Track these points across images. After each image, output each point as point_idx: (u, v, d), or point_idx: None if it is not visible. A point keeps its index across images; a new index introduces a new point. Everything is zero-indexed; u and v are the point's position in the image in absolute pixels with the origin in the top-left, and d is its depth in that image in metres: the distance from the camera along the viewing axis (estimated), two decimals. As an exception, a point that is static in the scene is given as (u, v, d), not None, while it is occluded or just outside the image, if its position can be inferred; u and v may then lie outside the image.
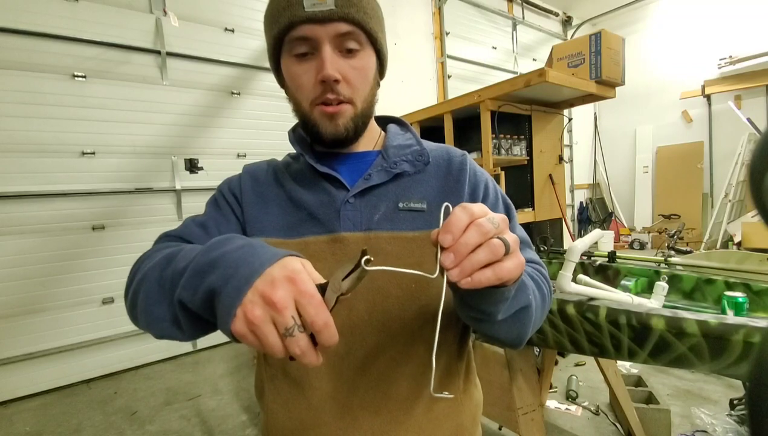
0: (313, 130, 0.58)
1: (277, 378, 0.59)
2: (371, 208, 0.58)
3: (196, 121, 3.09)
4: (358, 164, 0.63)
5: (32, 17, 2.48)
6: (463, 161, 0.64)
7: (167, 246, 0.53)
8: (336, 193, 0.59)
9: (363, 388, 0.56)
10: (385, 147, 0.63)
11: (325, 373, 0.55)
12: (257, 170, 0.66)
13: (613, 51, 2.57)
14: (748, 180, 0.35)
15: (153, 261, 0.49)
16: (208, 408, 2.25)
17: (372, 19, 0.56)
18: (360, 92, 0.57)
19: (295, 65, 0.55)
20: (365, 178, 0.59)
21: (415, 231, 0.58)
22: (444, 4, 4.79)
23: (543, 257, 1.75)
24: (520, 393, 1.34)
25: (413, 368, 0.57)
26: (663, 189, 6.20)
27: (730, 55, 5.38)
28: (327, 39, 0.53)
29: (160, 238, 0.60)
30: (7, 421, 2.27)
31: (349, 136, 0.58)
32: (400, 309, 0.56)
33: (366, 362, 0.56)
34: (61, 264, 2.63)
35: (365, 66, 0.57)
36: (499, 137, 2.68)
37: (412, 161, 0.62)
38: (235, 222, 0.61)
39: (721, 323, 0.87)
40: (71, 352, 2.67)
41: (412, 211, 0.59)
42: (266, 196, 0.62)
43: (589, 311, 1.08)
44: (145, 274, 0.48)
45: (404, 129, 0.69)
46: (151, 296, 0.46)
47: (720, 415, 1.91)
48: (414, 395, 0.57)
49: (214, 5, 3.17)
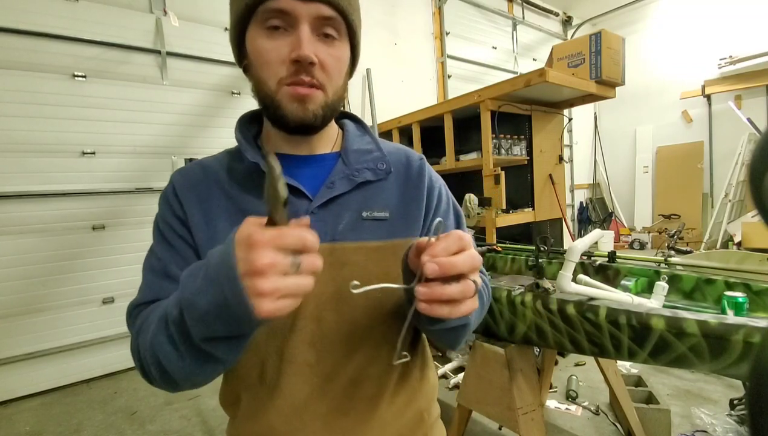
0: (276, 113, 0.54)
1: (254, 386, 0.57)
2: (335, 218, 0.57)
3: (196, 121, 3.09)
4: (317, 169, 0.60)
5: (32, 17, 2.48)
6: (422, 166, 0.65)
7: (147, 314, 0.51)
8: (298, 202, 0.56)
9: (332, 393, 0.56)
10: (345, 150, 0.61)
11: (296, 381, 0.56)
12: (193, 180, 0.59)
13: (613, 51, 2.57)
14: (748, 180, 0.35)
15: (149, 333, 0.47)
16: (209, 408, 2.25)
17: (355, 11, 0.55)
18: (333, 81, 0.54)
19: (265, 39, 0.51)
20: (328, 187, 0.57)
21: (379, 241, 0.58)
22: (444, 4, 4.79)
23: (543, 257, 1.75)
24: (520, 393, 1.34)
25: (378, 370, 0.59)
26: (663, 189, 6.20)
27: (730, 55, 5.38)
28: (307, 18, 0.50)
29: (132, 311, 0.55)
30: (7, 421, 2.27)
31: (316, 124, 0.55)
32: (368, 318, 0.57)
33: (335, 369, 0.56)
34: (61, 264, 2.64)
35: (341, 56, 0.55)
36: (499, 137, 2.68)
37: (374, 169, 0.60)
38: (191, 255, 0.56)
39: (721, 323, 0.87)
40: (71, 352, 2.67)
41: (376, 220, 0.59)
42: (212, 213, 0.56)
43: (589, 310, 1.08)
44: (152, 346, 0.46)
45: (361, 129, 0.67)
46: (172, 359, 0.45)
47: (720, 415, 1.91)
48: (379, 393, 0.59)
49: (214, 5, 3.17)
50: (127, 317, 0.56)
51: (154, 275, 0.55)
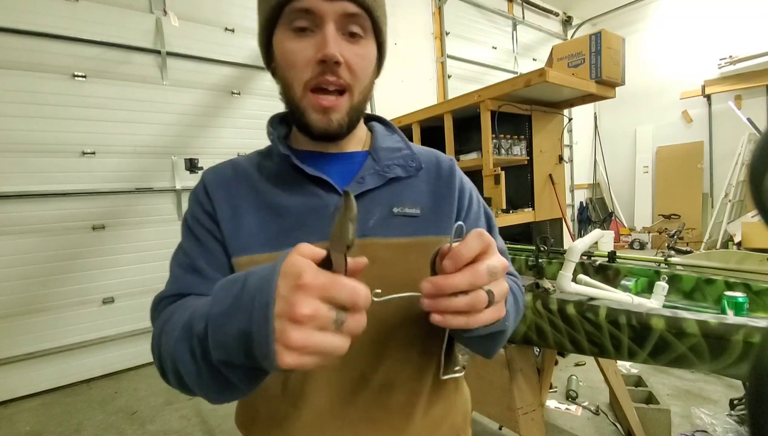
0: (301, 121, 0.54)
1: (275, 398, 0.55)
2: (365, 214, 0.55)
3: (196, 121, 3.09)
4: (347, 166, 0.59)
5: (32, 17, 2.49)
6: (452, 166, 0.64)
7: (173, 312, 0.49)
8: (327, 197, 0.55)
9: (362, 400, 0.54)
10: (374, 148, 0.61)
11: (322, 388, 0.53)
12: (223, 177, 0.59)
13: (613, 51, 2.57)
14: (748, 180, 0.35)
15: (172, 337, 0.45)
16: (209, 408, 2.25)
17: (380, 8, 0.54)
18: (360, 81, 0.53)
19: (292, 40, 0.51)
20: (358, 182, 0.56)
21: (409, 237, 0.56)
22: (444, 4, 4.79)
23: (543, 257, 1.75)
24: (520, 393, 1.34)
25: (411, 375, 0.56)
26: (663, 189, 6.20)
27: (730, 55, 5.38)
28: (332, 16, 0.49)
29: (159, 304, 0.54)
30: (7, 421, 2.27)
31: (341, 133, 0.54)
32: (398, 317, 0.54)
33: (364, 374, 0.54)
34: (61, 264, 2.64)
35: (367, 54, 0.53)
36: (499, 137, 2.68)
37: (404, 166, 0.59)
38: (219, 250, 0.55)
39: (721, 323, 0.87)
40: (71, 352, 2.67)
41: (407, 216, 0.57)
42: (240, 208, 0.56)
43: (589, 310, 1.08)
44: (173, 353, 0.44)
45: (390, 130, 0.66)
46: (191, 371, 0.43)
47: (720, 415, 1.91)
48: (412, 402, 0.56)
49: (214, 5, 3.17)
50: (152, 310, 0.55)
51: (181, 269, 0.55)
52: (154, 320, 0.53)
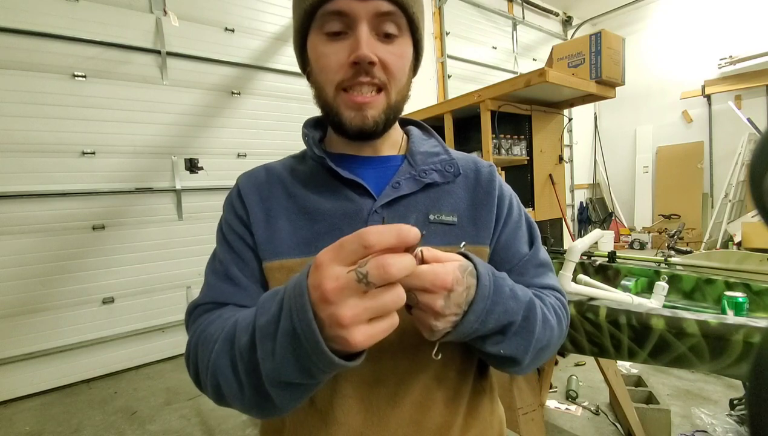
0: (335, 120, 0.52)
1: (302, 411, 0.52)
2: (400, 220, 0.52)
3: (196, 121, 3.09)
4: (382, 170, 0.57)
5: (32, 17, 2.48)
6: (492, 172, 0.61)
7: (210, 322, 0.49)
8: (361, 201, 0.54)
9: (395, 420, 0.51)
10: (411, 152, 0.59)
11: (352, 405, 0.50)
12: (258, 181, 0.58)
13: (613, 51, 2.57)
14: (748, 180, 0.35)
15: (211, 351, 0.44)
16: (209, 408, 2.25)
17: (416, 4, 0.52)
18: (396, 80, 0.51)
19: (325, 44, 0.49)
20: (393, 187, 0.54)
21: (446, 245, 0.52)
22: (444, 4, 4.79)
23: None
24: (520, 393, 1.34)
25: (447, 393, 0.54)
26: (663, 189, 6.20)
27: (730, 55, 5.38)
28: (365, 17, 0.47)
29: (193, 311, 0.53)
30: (7, 421, 2.27)
31: (377, 130, 0.52)
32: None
33: (398, 391, 0.51)
34: (61, 264, 2.64)
35: (403, 53, 0.52)
36: (499, 137, 2.68)
37: (442, 171, 0.57)
38: (251, 257, 0.54)
39: (721, 323, 0.87)
40: (71, 352, 2.67)
41: (444, 224, 0.55)
42: (273, 212, 0.55)
43: (589, 311, 1.08)
44: (212, 367, 0.43)
45: (427, 134, 0.64)
46: (232, 388, 0.42)
47: (720, 415, 1.91)
48: (448, 423, 0.53)
49: (214, 5, 3.16)
50: (186, 317, 0.55)
51: (215, 276, 0.54)
52: (188, 326, 0.53)
